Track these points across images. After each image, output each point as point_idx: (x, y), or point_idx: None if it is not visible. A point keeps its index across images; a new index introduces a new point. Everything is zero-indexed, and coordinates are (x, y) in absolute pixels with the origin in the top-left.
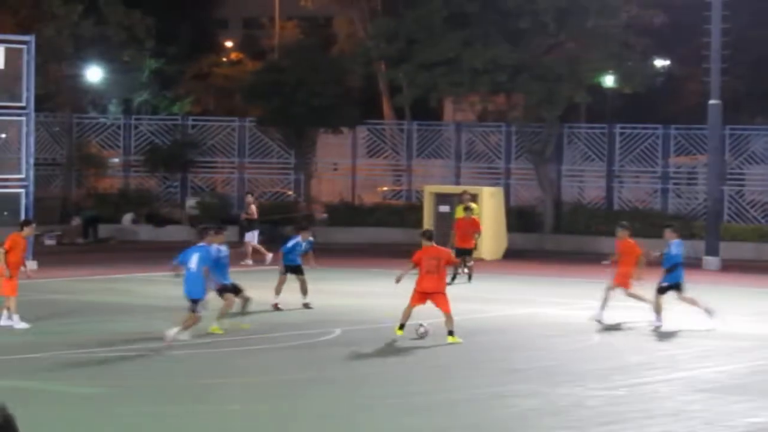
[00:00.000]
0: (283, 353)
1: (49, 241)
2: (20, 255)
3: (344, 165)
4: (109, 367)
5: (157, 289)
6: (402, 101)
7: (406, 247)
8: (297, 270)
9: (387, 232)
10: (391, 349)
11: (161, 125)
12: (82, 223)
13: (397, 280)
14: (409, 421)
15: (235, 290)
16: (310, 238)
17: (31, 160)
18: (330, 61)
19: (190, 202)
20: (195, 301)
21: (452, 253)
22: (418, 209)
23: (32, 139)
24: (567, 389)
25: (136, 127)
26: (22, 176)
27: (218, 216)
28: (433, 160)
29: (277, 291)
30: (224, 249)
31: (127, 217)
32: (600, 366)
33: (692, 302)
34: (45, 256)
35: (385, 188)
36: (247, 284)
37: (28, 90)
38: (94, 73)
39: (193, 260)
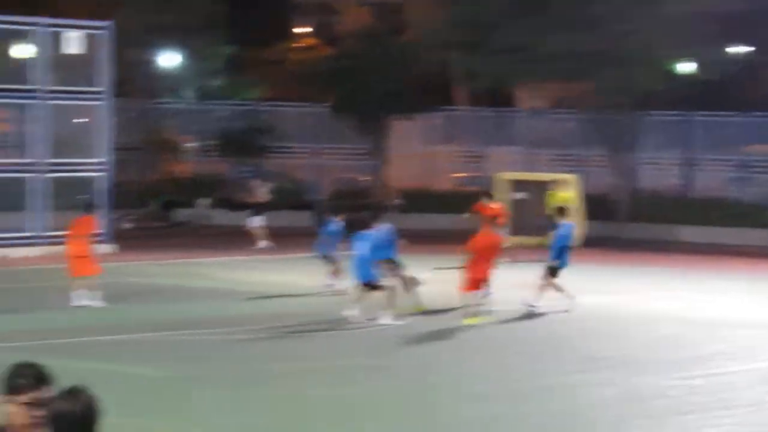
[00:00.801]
0: (358, 338)
1: (127, 225)
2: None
3: (417, 151)
4: (185, 351)
5: (232, 273)
6: (475, 88)
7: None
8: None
9: (460, 219)
10: (466, 337)
11: (235, 111)
12: (159, 207)
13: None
14: (488, 408)
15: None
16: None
17: (110, 145)
18: (403, 46)
19: (264, 187)
20: (369, 285)
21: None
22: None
23: (110, 124)
24: (645, 378)
25: (211, 113)
26: (102, 160)
27: (292, 201)
28: (506, 147)
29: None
30: (385, 228)
31: (202, 201)
32: (678, 355)
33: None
34: (122, 240)
35: (459, 175)
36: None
37: (105, 75)
38: (169, 59)
39: (362, 245)
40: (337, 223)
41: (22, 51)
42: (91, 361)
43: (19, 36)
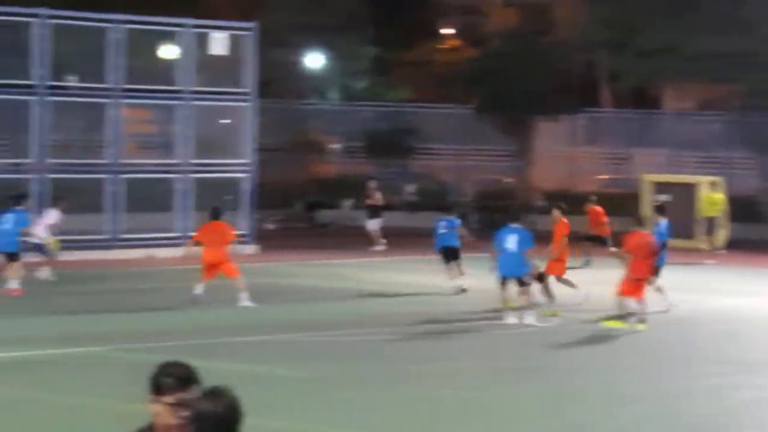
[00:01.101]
0: (498, 339)
1: (270, 226)
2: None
3: (562, 152)
4: (324, 352)
5: (374, 274)
6: (621, 89)
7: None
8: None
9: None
10: (600, 339)
11: (380, 112)
12: (303, 208)
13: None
14: (621, 410)
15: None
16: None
17: (254, 145)
18: (548, 47)
19: (409, 188)
20: (519, 280)
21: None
22: (636, 198)
23: (255, 125)
24: None
25: (354, 114)
26: (246, 161)
27: (437, 202)
28: (650, 149)
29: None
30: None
31: (346, 203)
32: None
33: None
34: (267, 240)
35: (602, 176)
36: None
37: (251, 76)
38: (314, 60)
39: (511, 240)
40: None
41: (168, 52)
42: (232, 361)
43: (166, 37)
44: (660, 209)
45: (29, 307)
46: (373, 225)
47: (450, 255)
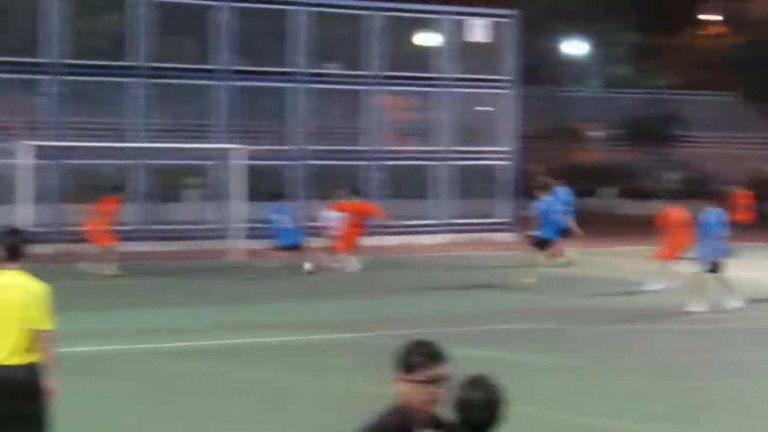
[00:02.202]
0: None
1: (530, 214)
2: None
3: None
4: (575, 340)
5: (633, 263)
6: None
7: None
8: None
9: None
10: None
11: (640, 99)
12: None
13: None
14: None
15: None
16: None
17: (515, 133)
18: None
19: (671, 175)
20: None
21: None
22: None
23: (515, 113)
24: None
25: (615, 101)
26: (506, 149)
27: (701, 190)
28: None
29: None
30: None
31: (607, 191)
32: None
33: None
34: (526, 228)
35: None
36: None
37: (511, 63)
38: (575, 47)
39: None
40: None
41: (428, 39)
42: (487, 349)
43: (426, 24)
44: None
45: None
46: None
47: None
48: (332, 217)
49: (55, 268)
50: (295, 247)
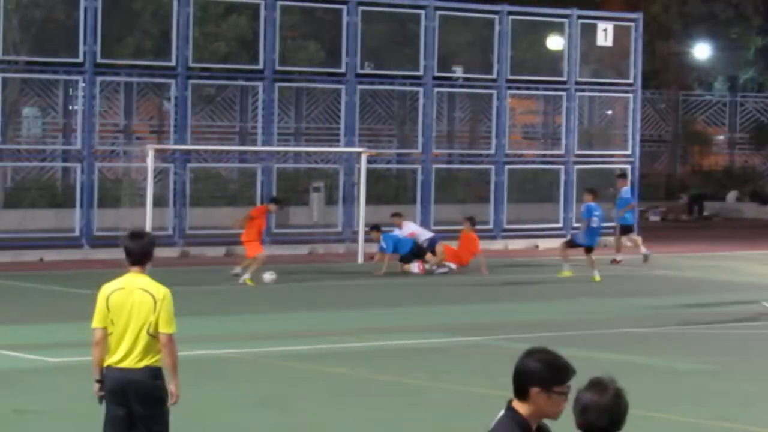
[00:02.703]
0: None
1: (654, 218)
2: None
3: None
4: (713, 344)
5: (758, 267)
6: None
7: None
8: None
9: None
10: None
11: (766, 103)
12: (687, 200)
13: None
14: None
15: None
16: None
17: (637, 137)
18: None
19: None
20: None
21: None
22: None
23: (638, 116)
24: None
25: (741, 105)
26: (628, 152)
27: None
28: None
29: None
30: None
31: (732, 195)
32: None
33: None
34: (649, 232)
35: None
36: None
37: (635, 67)
38: (700, 51)
39: None
40: None
41: (555, 43)
42: (611, 352)
43: (551, 27)
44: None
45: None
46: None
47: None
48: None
49: (177, 270)
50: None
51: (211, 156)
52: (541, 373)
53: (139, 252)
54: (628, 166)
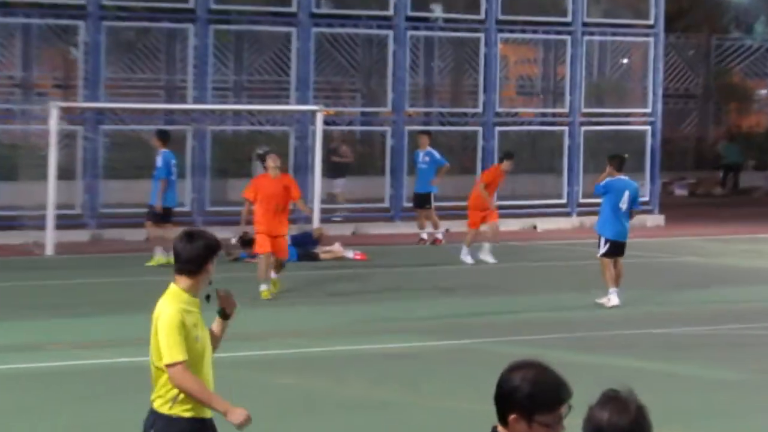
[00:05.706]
0: None
1: (680, 191)
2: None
3: None
4: (753, 349)
5: None
6: None
7: None
8: None
9: None
10: None
11: None
12: (722, 170)
13: None
14: None
15: None
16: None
17: (659, 91)
18: None
19: None
20: None
21: None
22: None
23: (660, 66)
24: None
25: None
26: (648, 111)
27: None
28: None
29: None
30: None
31: None
32: None
33: None
34: (673, 209)
35: None
36: None
37: (656, 5)
38: None
39: None
40: None
41: None
42: (630, 357)
43: None
44: None
45: None
46: None
47: None
48: None
49: (87, 258)
50: None
51: (130, 116)
52: (520, 395)
53: (186, 258)
54: (648, 128)
